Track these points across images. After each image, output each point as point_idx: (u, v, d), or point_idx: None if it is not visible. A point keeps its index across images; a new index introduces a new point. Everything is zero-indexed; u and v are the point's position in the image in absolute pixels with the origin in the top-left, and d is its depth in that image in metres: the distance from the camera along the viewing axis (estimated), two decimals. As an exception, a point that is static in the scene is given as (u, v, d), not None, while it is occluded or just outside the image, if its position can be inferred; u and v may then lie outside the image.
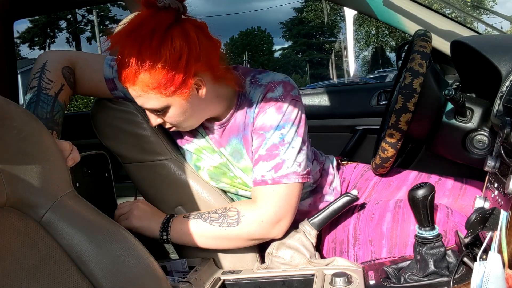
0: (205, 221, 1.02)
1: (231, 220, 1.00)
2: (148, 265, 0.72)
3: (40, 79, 0.99)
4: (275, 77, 1.05)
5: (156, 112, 0.99)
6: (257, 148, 1.03)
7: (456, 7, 1.72)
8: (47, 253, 0.65)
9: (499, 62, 0.92)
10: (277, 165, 0.99)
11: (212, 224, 1.01)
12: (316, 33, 32.59)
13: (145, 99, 0.96)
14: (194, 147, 1.11)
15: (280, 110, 1.01)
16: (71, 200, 0.71)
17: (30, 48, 25.28)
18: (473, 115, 1.11)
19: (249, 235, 1.01)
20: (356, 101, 1.97)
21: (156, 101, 0.96)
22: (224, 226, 1.00)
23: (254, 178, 1.01)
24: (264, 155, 1.01)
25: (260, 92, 1.04)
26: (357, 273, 0.89)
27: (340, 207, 1.05)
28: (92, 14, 24.79)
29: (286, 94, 1.02)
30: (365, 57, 25.95)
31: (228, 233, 1.00)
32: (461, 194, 1.15)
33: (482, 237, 0.81)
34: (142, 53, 0.90)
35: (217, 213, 1.02)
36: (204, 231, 1.02)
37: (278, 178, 0.99)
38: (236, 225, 1.00)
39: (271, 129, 1.01)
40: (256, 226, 0.99)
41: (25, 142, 0.68)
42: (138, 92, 0.95)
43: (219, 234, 1.01)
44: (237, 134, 1.07)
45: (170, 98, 0.96)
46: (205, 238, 1.02)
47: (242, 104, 1.06)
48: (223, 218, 1.01)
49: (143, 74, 0.92)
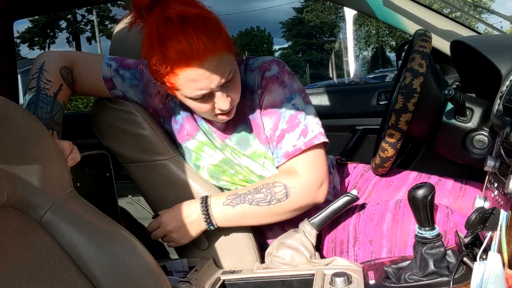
0: (251, 204, 1.01)
1: (279, 196, 1.00)
2: (148, 265, 0.72)
3: (38, 80, 0.99)
4: (264, 59, 1.08)
5: (228, 83, 0.94)
6: (275, 125, 1.04)
7: (456, 7, 1.72)
8: (47, 253, 0.66)
9: (499, 62, 0.92)
10: (303, 131, 1.02)
11: (259, 205, 1.01)
12: (316, 33, 32.59)
13: (225, 64, 0.91)
14: (195, 145, 1.10)
15: (283, 84, 1.04)
16: (71, 200, 0.72)
17: (30, 48, 25.28)
18: (473, 115, 1.11)
19: (299, 205, 1.01)
20: (356, 101, 1.97)
21: (231, 62, 0.94)
22: (274, 203, 1.00)
23: (286, 151, 1.02)
24: (287, 128, 1.02)
25: (256, 75, 1.06)
26: (357, 273, 0.89)
27: (340, 207, 1.05)
28: (92, 14, 24.78)
29: (283, 70, 1.06)
30: (365, 57, 25.96)
31: (278, 208, 1.01)
32: (460, 195, 1.15)
33: (482, 237, 0.81)
34: (203, 17, 0.89)
35: (262, 193, 1.01)
36: (253, 214, 1.01)
37: (309, 141, 1.01)
38: (286, 199, 1.00)
39: (283, 103, 1.03)
40: (304, 194, 1.00)
41: (25, 142, 0.68)
42: (217, 59, 0.90)
43: (268, 212, 1.01)
44: (243, 121, 1.08)
45: (234, 60, 0.95)
46: (255, 220, 1.03)
47: (242, 92, 1.06)
48: (270, 196, 1.00)
49: (212, 36, 0.88)
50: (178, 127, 1.11)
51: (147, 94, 1.10)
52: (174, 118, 1.11)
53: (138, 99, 1.11)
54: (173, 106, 1.11)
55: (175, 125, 1.11)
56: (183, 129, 1.11)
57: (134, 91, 1.10)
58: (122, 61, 1.10)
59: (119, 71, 1.09)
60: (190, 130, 1.10)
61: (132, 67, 1.09)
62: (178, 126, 1.11)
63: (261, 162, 1.08)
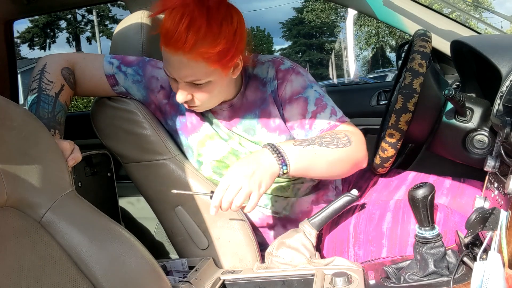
0: (320, 146, 0.99)
1: (344, 141, 1.01)
2: (148, 265, 0.72)
3: (40, 81, 1.00)
4: (274, 55, 1.14)
5: (195, 85, 0.98)
6: (303, 109, 1.06)
7: (456, 7, 1.72)
8: (47, 253, 0.66)
9: (499, 62, 0.92)
10: (332, 111, 1.06)
11: (329, 147, 0.99)
12: (316, 33, 32.59)
13: (192, 70, 0.95)
14: (199, 139, 1.11)
15: (300, 74, 1.08)
16: (71, 200, 0.72)
17: (30, 48, 25.29)
18: (473, 115, 1.11)
19: (357, 155, 1.03)
20: (356, 101, 1.97)
21: (203, 73, 0.95)
22: (341, 147, 1.00)
23: (322, 129, 1.05)
24: (317, 109, 1.06)
25: (267, 67, 1.09)
26: (357, 273, 0.89)
27: (340, 207, 1.05)
28: (92, 14, 24.78)
29: (294, 64, 1.10)
30: (365, 57, 25.95)
31: (345, 153, 1.00)
32: (459, 193, 1.15)
33: (482, 237, 0.81)
34: (210, 23, 0.91)
35: (327, 138, 1.01)
36: (323, 155, 0.99)
37: (340, 119, 1.06)
38: (350, 145, 1.01)
39: (306, 89, 1.07)
40: (362, 145, 1.04)
41: (25, 142, 0.68)
42: (187, 60, 0.93)
43: (337, 156, 1.00)
44: (252, 111, 1.10)
45: (214, 73, 0.96)
46: (323, 163, 0.99)
47: (250, 83, 1.10)
48: (336, 140, 1.01)
49: (203, 42, 0.91)
50: (184, 120, 1.12)
51: (150, 89, 1.10)
52: (179, 112, 1.11)
53: (141, 94, 1.11)
54: (177, 102, 1.11)
55: (181, 119, 1.12)
56: (188, 122, 1.11)
57: (137, 87, 1.10)
58: (123, 58, 1.11)
59: (121, 68, 1.09)
60: (196, 123, 1.11)
61: (134, 64, 1.10)
62: (184, 120, 1.12)
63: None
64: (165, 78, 1.10)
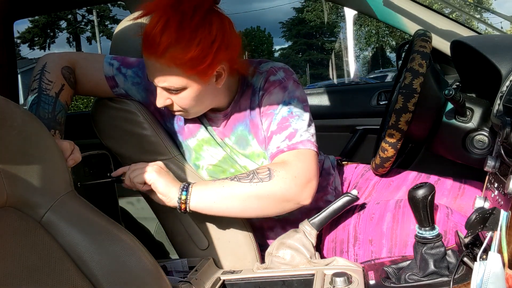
0: (232, 180, 0.95)
1: (262, 176, 0.94)
2: (148, 265, 0.72)
3: (40, 81, 0.99)
4: (275, 64, 1.08)
5: (170, 91, 0.97)
6: (268, 126, 1.03)
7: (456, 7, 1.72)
8: (47, 253, 0.66)
9: (499, 62, 0.92)
10: (290, 135, 0.99)
11: (241, 181, 0.94)
12: (316, 33, 32.58)
13: (164, 75, 0.94)
14: (195, 143, 1.11)
15: (284, 88, 1.03)
16: (71, 200, 0.72)
17: (30, 48, 25.29)
18: (473, 115, 1.11)
19: (282, 192, 0.94)
20: (356, 101, 1.97)
21: (176, 79, 0.95)
22: (255, 182, 0.93)
23: (271, 153, 1.01)
24: (276, 129, 1.01)
25: (262, 78, 1.06)
26: (357, 273, 0.89)
27: (340, 207, 1.05)
28: (92, 14, 24.78)
29: (289, 77, 1.05)
30: (365, 57, 25.95)
31: (259, 189, 0.93)
32: (460, 194, 1.15)
33: (482, 237, 0.81)
34: (183, 27, 0.90)
35: (244, 173, 0.97)
36: (231, 190, 0.94)
37: (293, 145, 0.97)
38: (269, 179, 0.93)
39: (279, 106, 1.02)
40: (290, 181, 0.93)
41: (25, 142, 0.68)
42: (160, 65, 0.93)
43: (249, 191, 0.94)
44: (243, 121, 1.08)
45: (190, 79, 0.95)
46: (232, 199, 0.94)
47: (245, 92, 1.08)
48: (253, 175, 0.95)
49: (175, 47, 0.91)
50: (181, 124, 1.12)
51: (149, 91, 1.10)
52: (177, 116, 1.11)
53: (140, 96, 1.11)
54: None
55: (179, 122, 1.12)
56: (185, 126, 1.11)
57: (136, 88, 1.10)
58: (123, 59, 1.11)
59: (121, 70, 1.09)
60: (192, 127, 1.11)
61: (134, 65, 1.10)
62: (181, 123, 1.12)
63: (260, 162, 1.08)
64: None
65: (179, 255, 1.15)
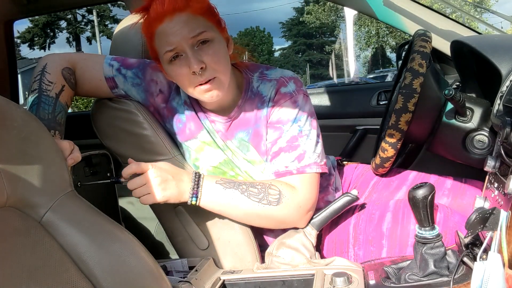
0: (242, 193, 0.98)
1: (271, 198, 0.98)
2: (148, 265, 0.72)
3: (40, 82, 1.00)
4: (284, 73, 1.08)
5: (201, 48, 0.95)
6: (275, 140, 1.04)
7: (456, 7, 1.72)
8: (47, 253, 0.66)
9: (499, 62, 0.92)
10: (299, 156, 1.01)
11: (250, 198, 0.98)
12: (316, 33, 32.59)
13: (193, 24, 0.94)
14: (197, 145, 1.10)
15: (295, 104, 1.04)
16: (71, 200, 0.72)
17: (30, 48, 25.30)
18: (473, 115, 1.11)
19: (284, 217, 1.00)
20: (356, 101, 1.97)
21: (204, 25, 0.95)
22: (264, 203, 0.98)
23: (277, 170, 1.03)
24: (285, 147, 1.02)
25: (271, 87, 1.06)
26: (357, 273, 0.89)
27: (340, 207, 1.05)
28: (92, 14, 24.79)
29: (299, 90, 1.06)
30: (365, 57, 25.95)
31: (264, 211, 0.99)
32: (460, 193, 1.15)
33: (482, 237, 0.81)
34: None
35: (257, 188, 0.99)
36: (239, 204, 0.99)
37: (302, 168, 1.01)
38: (276, 204, 0.98)
39: (289, 122, 1.03)
40: (293, 210, 1.00)
41: (25, 142, 0.68)
42: (187, 17, 0.94)
43: (255, 210, 0.99)
44: (246, 128, 1.08)
45: (214, 31, 0.97)
46: (238, 211, 1.00)
47: (251, 98, 1.07)
48: (263, 194, 0.98)
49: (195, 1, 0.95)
50: (181, 126, 1.11)
51: (149, 92, 1.10)
52: (177, 117, 1.11)
53: (140, 97, 1.11)
54: (175, 106, 1.11)
55: (178, 124, 1.11)
56: (186, 128, 1.11)
57: (136, 89, 1.10)
58: (123, 60, 1.11)
59: (121, 70, 1.09)
60: (194, 129, 1.10)
61: (134, 66, 1.10)
62: (182, 125, 1.11)
63: (261, 167, 1.08)
64: (164, 82, 1.10)
65: (179, 255, 1.15)
